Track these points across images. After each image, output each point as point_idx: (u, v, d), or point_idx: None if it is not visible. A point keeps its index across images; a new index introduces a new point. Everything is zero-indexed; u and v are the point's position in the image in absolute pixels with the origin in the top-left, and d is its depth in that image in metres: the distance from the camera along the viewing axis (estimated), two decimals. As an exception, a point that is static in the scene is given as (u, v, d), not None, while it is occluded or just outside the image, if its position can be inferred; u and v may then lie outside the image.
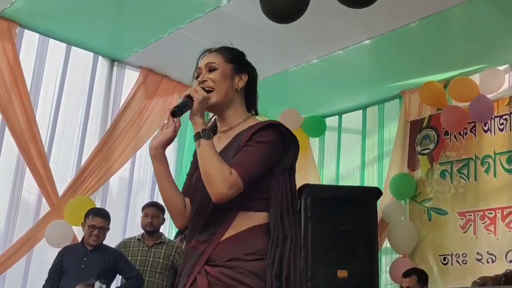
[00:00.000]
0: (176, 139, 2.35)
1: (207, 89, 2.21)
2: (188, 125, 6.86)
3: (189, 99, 2.14)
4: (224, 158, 2.11)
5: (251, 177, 2.05)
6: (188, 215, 2.27)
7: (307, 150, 7.65)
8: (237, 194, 2.03)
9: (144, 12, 5.52)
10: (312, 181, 7.13)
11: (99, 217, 4.98)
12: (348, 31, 5.60)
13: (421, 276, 5.38)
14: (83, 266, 4.84)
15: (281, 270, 2.01)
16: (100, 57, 6.55)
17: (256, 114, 2.38)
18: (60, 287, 4.81)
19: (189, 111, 2.15)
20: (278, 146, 2.15)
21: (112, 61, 6.64)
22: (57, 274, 4.84)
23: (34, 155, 5.67)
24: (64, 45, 6.24)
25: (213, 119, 2.38)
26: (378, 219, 6.17)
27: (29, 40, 6.00)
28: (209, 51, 2.34)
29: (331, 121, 7.74)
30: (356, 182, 7.25)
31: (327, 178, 7.68)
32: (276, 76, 6.52)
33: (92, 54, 6.48)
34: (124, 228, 6.36)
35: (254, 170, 2.06)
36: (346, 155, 7.60)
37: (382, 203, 6.44)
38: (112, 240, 5.54)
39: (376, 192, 5.87)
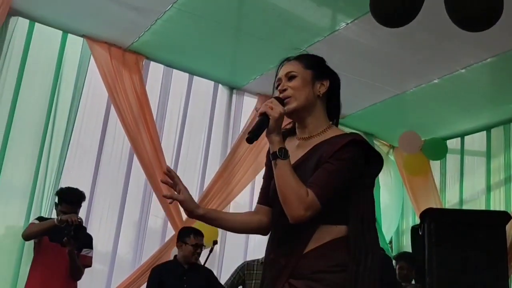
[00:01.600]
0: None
1: (286, 98, 2.16)
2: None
3: (264, 117, 2.07)
4: (303, 169, 2.09)
5: (329, 197, 2.00)
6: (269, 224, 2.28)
7: (427, 174, 7.47)
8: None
9: (261, 39, 5.62)
10: (433, 205, 6.93)
11: (201, 236, 5.09)
12: (470, 49, 5.43)
13: None
14: (185, 285, 4.93)
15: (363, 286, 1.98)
16: (220, 85, 6.77)
17: (337, 124, 2.30)
18: None
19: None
20: (359, 163, 2.07)
21: (232, 88, 6.83)
22: None
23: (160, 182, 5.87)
24: (186, 75, 6.51)
25: (292, 123, 2.32)
26: (508, 245, 5.87)
27: (155, 72, 6.32)
28: (287, 60, 2.30)
29: (452, 143, 7.52)
30: (481, 206, 6.97)
31: (449, 202, 7.44)
32: (395, 97, 6.44)
33: (212, 82, 6.71)
34: (245, 252, 6.47)
35: (332, 190, 2.01)
36: (469, 178, 7.33)
37: (511, 228, 6.13)
38: (231, 263, 5.74)
39: (505, 216, 5.60)
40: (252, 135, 2.05)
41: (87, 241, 4.76)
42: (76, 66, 5.80)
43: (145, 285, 5.73)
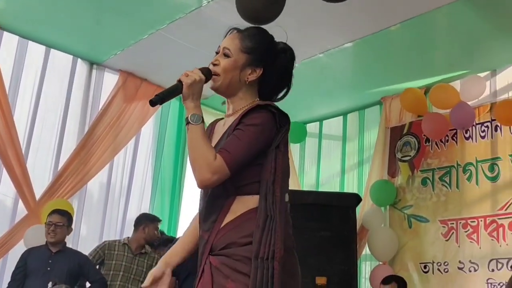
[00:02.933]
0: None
1: (213, 73, 2.16)
2: (170, 109, 6.86)
3: (178, 83, 2.08)
4: (221, 144, 2.08)
5: (238, 162, 2.00)
6: None
7: (287, 156, 7.62)
8: (227, 179, 2.00)
9: (123, 14, 5.46)
10: (292, 187, 7.02)
11: (56, 214, 4.97)
12: (329, 34, 5.57)
13: (401, 284, 5.35)
14: (48, 268, 4.80)
15: (258, 251, 1.95)
16: (79, 59, 6.46)
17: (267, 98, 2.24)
18: None
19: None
20: (269, 128, 2.06)
21: (91, 64, 6.55)
22: (21, 276, 4.79)
23: (12, 158, 5.57)
24: (43, 47, 6.15)
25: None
26: (358, 226, 6.15)
27: (8, 43, 5.90)
28: (236, 29, 2.25)
29: (311, 127, 7.73)
30: (336, 189, 7.24)
31: (307, 184, 7.65)
32: (257, 81, 6.49)
33: (71, 56, 6.39)
34: (101, 232, 6.27)
35: (241, 155, 2.00)
36: (326, 161, 7.58)
37: (362, 210, 6.43)
38: (89, 242, 5.56)
39: (355, 199, 5.86)
40: (156, 98, 2.05)
41: None
42: None
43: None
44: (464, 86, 6.08)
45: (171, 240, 5.35)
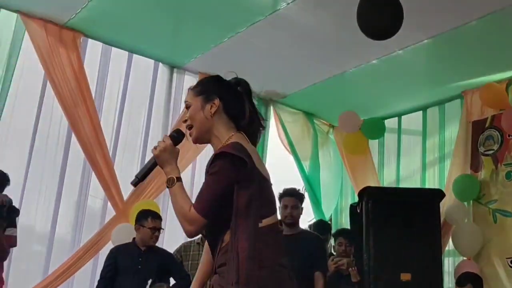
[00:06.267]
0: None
1: (190, 128, 2.45)
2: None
3: (151, 159, 2.43)
4: None
5: (207, 209, 2.24)
6: None
7: (366, 153, 7.60)
8: (203, 227, 2.29)
9: (202, 17, 5.57)
10: (372, 184, 7.06)
11: (159, 220, 5.13)
12: (407, 30, 5.50)
13: (477, 284, 5.26)
14: (139, 266, 4.94)
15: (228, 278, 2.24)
16: (160, 64, 6.67)
17: (244, 127, 2.47)
18: (115, 287, 4.91)
19: None
20: (227, 171, 2.26)
21: (172, 67, 6.74)
22: (112, 274, 4.93)
23: (100, 161, 5.81)
24: (126, 53, 6.38)
25: None
26: (441, 221, 6.07)
27: (93, 49, 6.17)
28: (189, 88, 2.55)
29: (390, 123, 7.66)
30: (416, 184, 7.14)
31: (386, 180, 7.60)
32: (335, 77, 6.52)
33: (152, 61, 6.61)
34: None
35: (208, 202, 2.25)
36: (406, 157, 7.50)
37: (444, 205, 6.33)
38: (172, 243, 5.71)
39: (439, 194, 5.78)
40: (135, 180, 2.47)
41: (11, 220, 4.68)
42: (9, 44, 5.56)
43: (85, 266, 5.72)
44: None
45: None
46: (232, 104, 2.45)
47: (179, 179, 2.34)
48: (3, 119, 5.43)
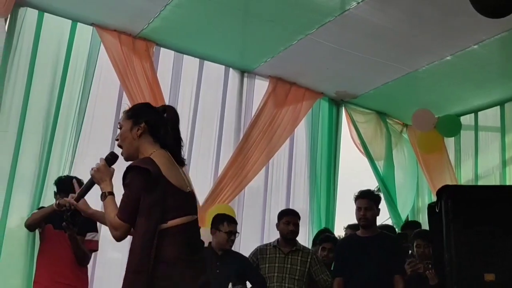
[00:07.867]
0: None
1: (118, 145, 2.91)
2: (320, 109, 7.12)
3: (90, 179, 2.93)
4: None
5: (126, 215, 2.66)
6: None
7: (442, 151, 7.44)
8: (128, 231, 2.69)
9: (271, 21, 5.59)
10: (449, 182, 6.90)
11: (235, 224, 5.14)
12: (481, 24, 5.35)
13: None
14: (218, 270, 4.93)
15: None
16: (231, 69, 6.75)
17: (170, 147, 2.86)
18: None
19: None
20: (135, 181, 2.68)
21: (243, 72, 6.81)
22: None
23: (174, 168, 5.89)
24: (197, 60, 6.48)
25: None
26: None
27: (165, 58, 6.30)
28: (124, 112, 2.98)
29: (466, 120, 7.47)
30: (496, 182, 6.94)
31: (464, 178, 7.42)
32: (407, 76, 6.41)
33: (223, 67, 6.69)
34: (261, 235, 6.47)
35: (126, 209, 2.67)
36: (484, 154, 7.30)
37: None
38: (248, 246, 5.70)
39: (522, 191, 5.57)
40: (76, 198, 2.95)
41: (91, 225, 4.70)
42: (86, 55, 5.76)
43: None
44: None
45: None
46: (156, 128, 2.83)
47: (110, 193, 2.81)
48: (84, 127, 5.63)
